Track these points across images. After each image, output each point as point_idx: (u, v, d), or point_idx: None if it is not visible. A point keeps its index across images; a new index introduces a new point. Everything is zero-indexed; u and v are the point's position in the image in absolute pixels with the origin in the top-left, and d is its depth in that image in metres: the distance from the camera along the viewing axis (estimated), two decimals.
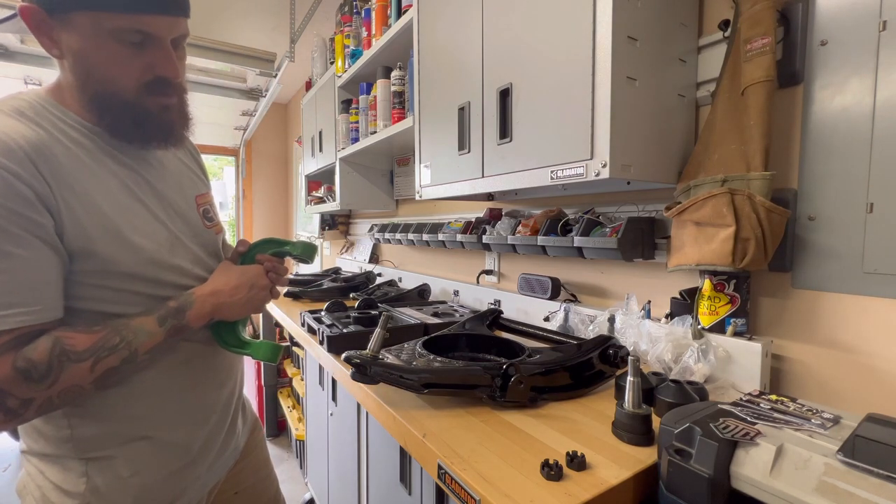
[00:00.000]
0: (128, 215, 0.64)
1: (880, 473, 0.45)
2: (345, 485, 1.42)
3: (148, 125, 0.65)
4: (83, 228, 0.59)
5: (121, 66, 0.60)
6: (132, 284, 0.65)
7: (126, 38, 0.59)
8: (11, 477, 2.38)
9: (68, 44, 0.58)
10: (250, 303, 0.72)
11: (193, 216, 0.76)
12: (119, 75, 0.60)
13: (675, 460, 0.55)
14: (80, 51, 0.58)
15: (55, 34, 0.59)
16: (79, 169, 0.60)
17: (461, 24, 1.23)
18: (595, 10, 0.85)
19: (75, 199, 0.58)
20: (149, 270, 0.66)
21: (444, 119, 1.31)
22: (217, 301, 0.69)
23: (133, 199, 0.66)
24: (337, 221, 3.15)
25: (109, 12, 0.56)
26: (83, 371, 0.57)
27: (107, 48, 0.58)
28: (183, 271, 0.71)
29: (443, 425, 0.77)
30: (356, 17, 2.04)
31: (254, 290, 0.72)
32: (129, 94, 0.62)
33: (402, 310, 1.58)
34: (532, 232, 1.33)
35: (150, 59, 0.61)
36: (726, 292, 0.95)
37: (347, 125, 2.18)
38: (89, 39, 0.58)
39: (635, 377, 0.71)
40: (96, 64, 0.59)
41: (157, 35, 0.61)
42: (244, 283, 0.71)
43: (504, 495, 0.57)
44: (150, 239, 0.66)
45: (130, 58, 0.60)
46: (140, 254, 0.64)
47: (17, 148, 0.54)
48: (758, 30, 0.87)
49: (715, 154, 0.94)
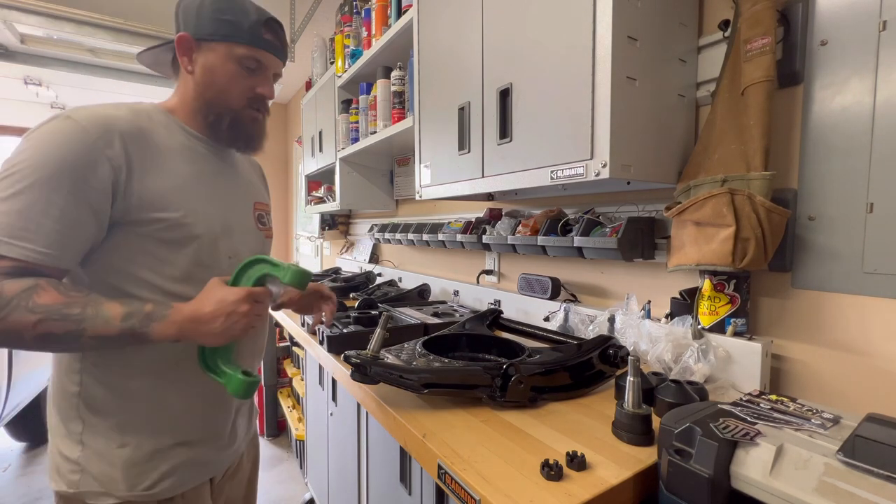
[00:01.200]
0: (200, 197, 0.78)
1: (880, 473, 0.45)
2: (345, 485, 1.42)
3: (239, 130, 0.83)
4: (152, 201, 0.71)
5: (236, 83, 0.80)
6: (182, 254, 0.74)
7: (245, 64, 0.79)
8: (11, 477, 2.38)
9: (203, 62, 0.78)
10: (226, 332, 0.69)
11: (249, 216, 0.89)
12: (232, 88, 0.80)
13: (675, 460, 0.55)
14: (211, 67, 0.78)
15: (195, 55, 0.78)
16: (166, 154, 0.75)
17: (461, 24, 1.23)
18: (595, 10, 0.85)
19: (154, 178, 0.71)
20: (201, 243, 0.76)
21: (444, 119, 1.31)
22: (189, 327, 0.68)
23: (210, 186, 0.81)
24: (337, 221, 3.15)
25: (240, 44, 0.78)
26: (27, 323, 0.61)
27: (230, 68, 0.79)
28: (227, 254, 0.81)
29: (443, 425, 0.77)
30: (356, 17, 2.04)
31: (231, 318, 0.69)
32: (234, 103, 0.81)
33: (402, 310, 1.58)
34: (532, 232, 1.33)
35: (256, 81, 0.82)
36: (726, 292, 0.95)
37: (347, 125, 2.18)
38: (221, 61, 0.78)
39: (635, 377, 0.71)
40: (219, 78, 0.79)
41: (267, 65, 0.82)
42: (222, 311, 0.68)
43: (504, 495, 0.57)
44: (209, 218, 0.78)
45: (243, 78, 0.80)
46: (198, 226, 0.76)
47: (115, 128, 0.69)
48: (758, 30, 0.87)
49: (715, 154, 0.94)
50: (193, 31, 0.77)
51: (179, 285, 0.74)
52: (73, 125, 0.65)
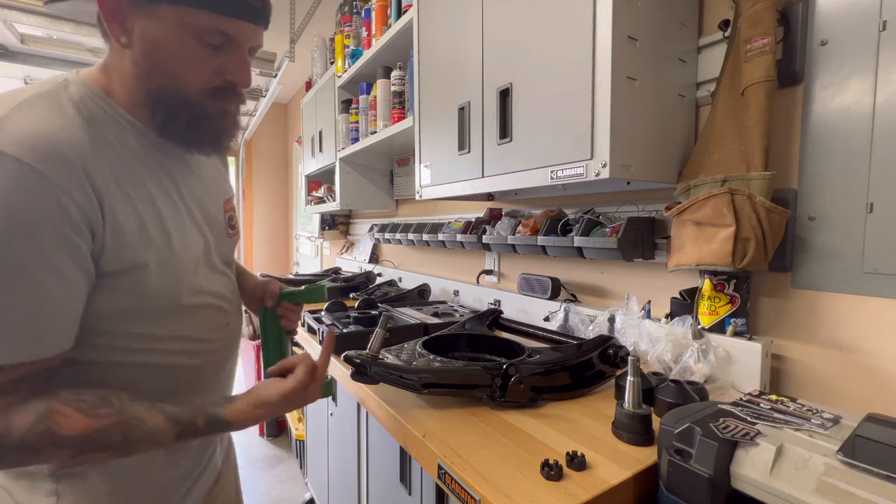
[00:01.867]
0: (175, 224, 0.61)
1: (880, 473, 0.45)
2: (345, 485, 1.42)
3: (202, 128, 0.62)
4: (129, 244, 0.54)
5: (193, 65, 0.57)
6: (160, 302, 0.59)
7: (207, 39, 0.56)
8: None
9: (143, 33, 0.55)
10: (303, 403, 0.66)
11: (221, 224, 0.72)
12: (189, 73, 0.57)
13: (675, 460, 0.55)
14: (156, 42, 0.55)
15: (130, 22, 0.55)
16: (128, 176, 0.56)
17: (461, 24, 1.23)
18: (595, 10, 0.85)
19: (123, 212, 0.54)
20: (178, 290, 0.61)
21: (444, 119, 1.31)
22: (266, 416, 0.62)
23: (177, 208, 0.63)
24: (337, 221, 3.15)
25: (198, 9, 0.54)
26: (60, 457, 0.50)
27: (184, 44, 0.56)
28: (199, 290, 0.65)
29: (443, 425, 0.77)
30: (356, 17, 2.04)
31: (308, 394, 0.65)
32: (192, 94, 0.59)
33: (402, 310, 1.58)
34: (532, 232, 1.33)
35: (224, 62, 0.59)
36: (726, 292, 0.95)
37: (347, 125, 2.18)
38: (169, 32, 0.55)
39: (635, 377, 0.71)
40: (169, 58, 0.56)
41: (239, 40, 0.59)
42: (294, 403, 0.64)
43: (504, 495, 0.57)
44: (190, 250, 0.63)
45: (205, 58, 0.58)
46: (180, 268, 0.60)
47: (70, 156, 0.49)
48: (758, 30, 0.87)
49: (715, 154, 0.94)
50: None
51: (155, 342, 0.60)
52: (15, 168, 0.45)
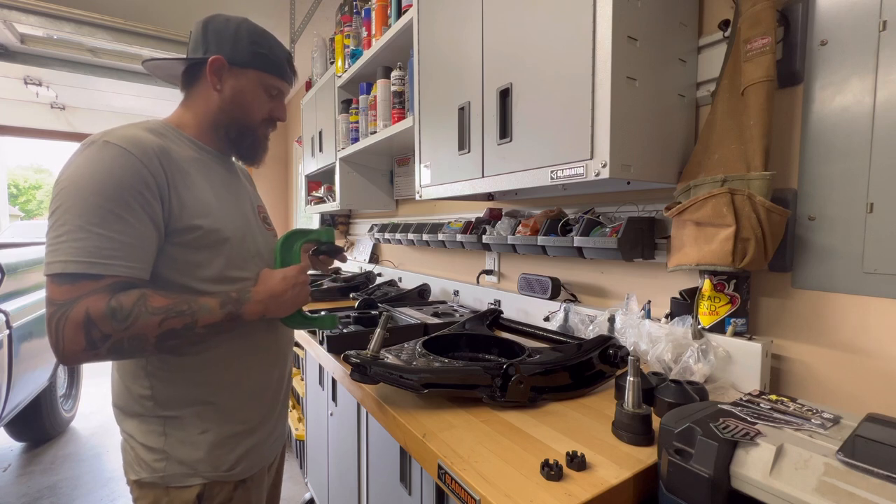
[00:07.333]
0: (223, 203, 0.86)
1: (880, 473, 0.45)
2: (345, 485, 1.42)
3: (255, 147, 0.95)
4: (189, 210, 0.78)
5: (259, 106, 0.91)
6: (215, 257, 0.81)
7: (270, 91, 0.91)
8: (12, 477, 2.38)
9: (234, 84, 0.87)
10: (296, 300, 0.87)
11: (256, 218, 0.97)
12: (256, 111, 0.91)
13: (675, 460, 0.55)
14: (241, 90, 0.88)
15: (225, 76, 0.86)
16: (186, 169, 0.81)
17: (461, 24, 1.23)
18: (595, 10, 0.85)
19: (186, 190, 0.78)
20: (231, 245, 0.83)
21: (444, 119, 1.31)
22: (271, 302, 0.83)
23: (226, 193, 0.89)
24: (337, 221, 3.15)
25: (270, 74, 0.90)
26: (153, 324, 0.70)
27: (258, 94, 0.90)
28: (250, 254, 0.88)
29: (443, 425, 0.77)
30: (356, 17, 2.04)
31: (296, 288, 0.86)
32: (254, 124, 0.92)
33: (402, 310, 1.58)
34: (532, 232, 1.33)
35: (274, 105, 0.94)
36: (726, 292, 0.95)
37: (347, 125, 2.18)
38: (251, 86, 0.88)
39: (635, 377, 0.71)
40: (246, 100, 0.89)
41: (284, 92, 0.95)
42: (289, 285, 0.85)
43: (504, 495, 0.57)
44: (234, 222, 0.86)
45: (265, 102, 0.91)
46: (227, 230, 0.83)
47: (149, 148, 0.75)
48: (758, 30, 0.87)
49: (715, 154, 0.94)
50: (229, 56, 0.85)
51: (213, 286, 0.80)
52: (115, 149, 0.71)
